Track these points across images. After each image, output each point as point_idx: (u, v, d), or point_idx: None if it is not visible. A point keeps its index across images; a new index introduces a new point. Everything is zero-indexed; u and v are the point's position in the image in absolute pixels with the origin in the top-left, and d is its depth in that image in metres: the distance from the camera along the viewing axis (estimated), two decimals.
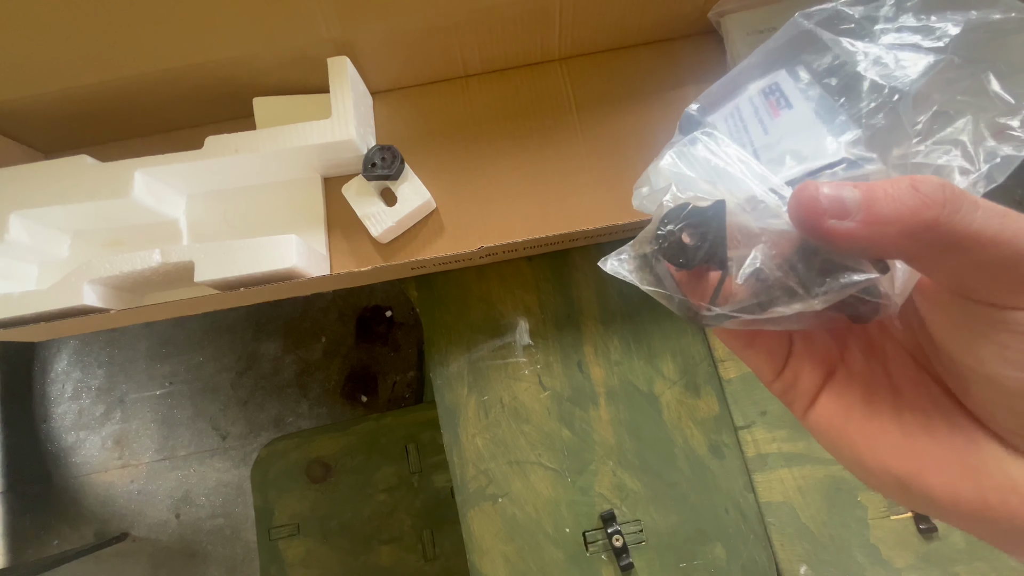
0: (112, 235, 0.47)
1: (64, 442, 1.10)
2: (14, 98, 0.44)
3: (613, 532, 0.43)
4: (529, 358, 0.47)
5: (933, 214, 0.13)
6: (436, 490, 0.72)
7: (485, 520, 0.44)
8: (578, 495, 0.45)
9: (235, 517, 1.06)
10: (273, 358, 1.13)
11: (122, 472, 1.09)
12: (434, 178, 0.46)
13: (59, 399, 1.12)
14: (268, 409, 1.11)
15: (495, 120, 0.48)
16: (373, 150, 0.44)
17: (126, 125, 0.49)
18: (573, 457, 0.45)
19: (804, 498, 0.44)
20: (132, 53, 0.42)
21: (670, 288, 0.17)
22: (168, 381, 1.12)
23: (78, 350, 1.15)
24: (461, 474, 0.45)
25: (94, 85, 0.43)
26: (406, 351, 1.13)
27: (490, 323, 0.48)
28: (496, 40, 0.46)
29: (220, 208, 0.48)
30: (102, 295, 0.41)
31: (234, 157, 0.43)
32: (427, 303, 0.49)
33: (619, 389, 0.46)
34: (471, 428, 0.46)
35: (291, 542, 0.72)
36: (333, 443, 0.75)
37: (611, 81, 0.48)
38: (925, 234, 0.13)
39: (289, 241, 0.40)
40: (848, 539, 0.43)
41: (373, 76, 0.48)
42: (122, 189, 0.42)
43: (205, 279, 0.40)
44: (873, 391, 0.17)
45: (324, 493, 0.73)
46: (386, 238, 0.45)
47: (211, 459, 1.09)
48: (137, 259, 0.40)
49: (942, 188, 0.13)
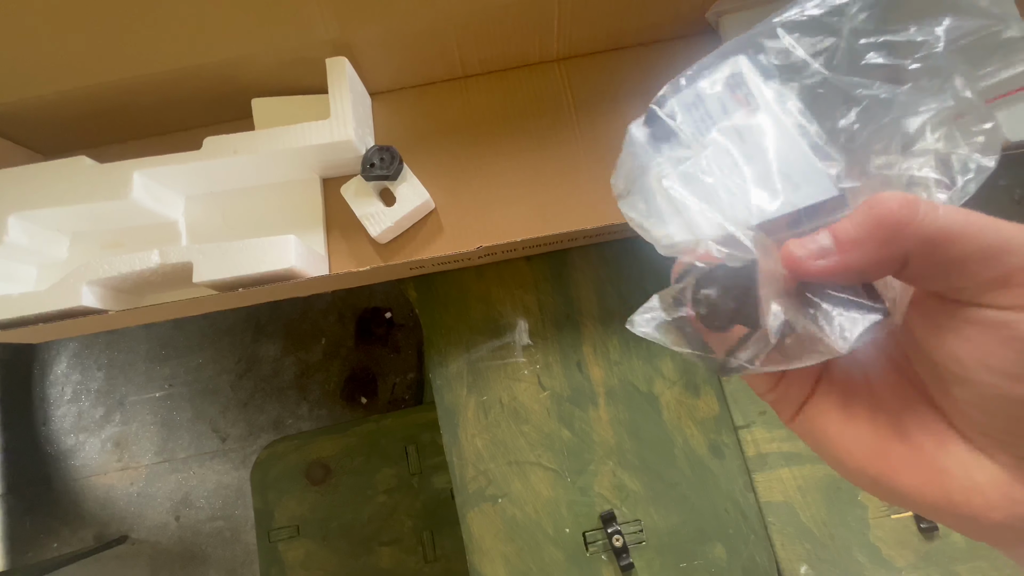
0: (111, 236, 0.47)
1: (64, 444, 1.10)
2: (13, 100, 0.44)
3: (613, 532, 0.43)
4: (528, 358, 0.47)
5: (893, 221, 0.14)
6: (436, 491, 0.72)
7: (485, 521, 0.44)
8: (578, 495, 0.45)
9: (235, 519, 1.06)
10: (273, 360, 1.13)
11: (122, 474, 1.08)
12: (433, 178, 0.46)
13: (59, 402, 1.12)
14: (268, 411, 1.11)
15: (494, 121, 0.48)
16: (372, 150, 0.44)
17: (125, 127, 0.49)
18: (573, 457, 0.45)
19: (804, 498, 0.44)
20: (131, 55, 0.42)
21: (700, 347, 0.18)
22: (168, 383, 1.12)
23: (78, 353, 1.15)
24: (461, 475, 0.45)
25: (93, 87, 0.44)
26: (406, 353, 1.13)
27: (489, 323, 0.48)
28: (494, 41, 0.46)
29: (219, 209, 0.48)
30: (101, 296, 0.41)
31: (233, 158, 0.43)
32: (426, 304, 0.49)
33: (619, 389, 0.46)
34: (471, 429, 0.46)
35: (291, 544, 0.72)
36: (333, 445, 0.75)
37: (609, 81, 0.48)
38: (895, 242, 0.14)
39: (288, 241, 0.40)
40: (848, 539, 0.43)
41: (372, 77, 0.48)
42: (121, 190, 0.42)
43: (204, 280, 0.40)
44: (851, 398, 0.18)
45: (324, 495, 0.73)
46: (385, 238, 0.45)
47: (211, 461, 1.09)
48: (136, 260, 0.40)
49: (897, 199, 0.14)
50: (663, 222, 0.19)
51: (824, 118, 0.18)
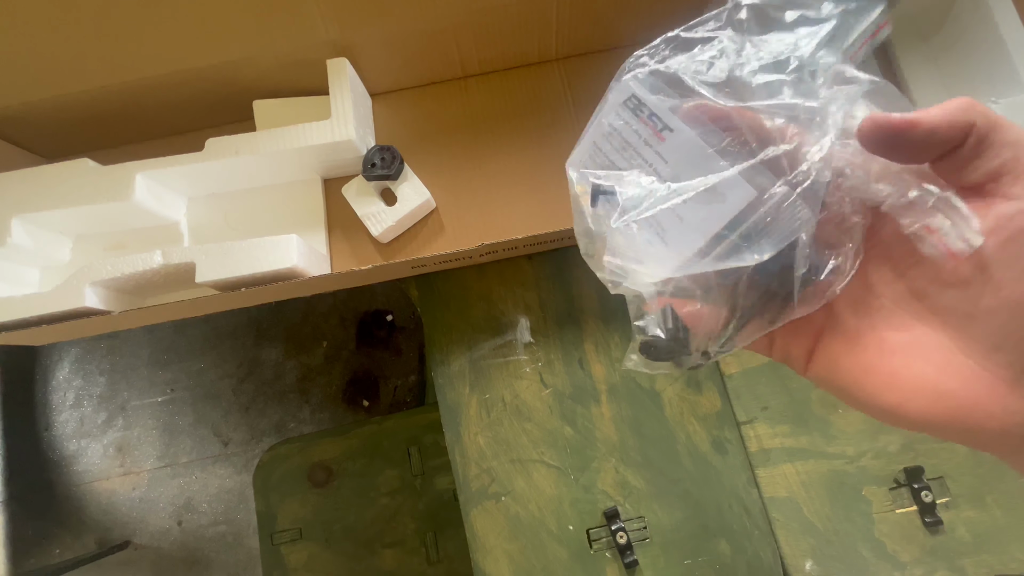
0: (114, 238, 0.47)
1: (66, 450, 1.10)
2: (16, 104, 0.44)
3: (617, 529, 0.43)
4: (530, 356, 0.47)
5: (967, 101, 0.17)
6: (439, 493, 0.72)
7: (488, 519, 0.44)
8: (581, 493, 0.44)
9: (237, 524, 1.05)
10: (274, 364, 1.12)
11: (124, 480, 1.08)
12: (434, 178, 0.46)
13: (61, 407, 1.12)
14: (270, 415, 1.11)
15: (494, 120, 0.48)
16: (373, 150, 0.45)
17: (127, 130, 0.50)
18: (576, 455, 0.45)
19: (808, 493, 0.44)
20: (132, 57, 0.42)
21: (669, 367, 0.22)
22: (170, 388, 1.12)
23: (80, 358, 1.15)
24: (463, 473, 0.45)
25: (95, 90, 0.44)
26: (407, 355, 1.13)
27: (491, 321, 0.48)
28: (494, 41, 0.46)
29: (221, 210, 0.48)
30: (104, 297, 0.42)
31: (234, 159, 0.43)
32: (428, 302, 0.49)
33: (621, 386, 0.46)
34: (473, 427, 0.46)
35: (294, 547, 0.72)
36: (335, 447, 0.74)
37: (608, 80, 0.48)
38: (968, 112, 0.16)
39: (290, 241, 0.40)
40: (853, 534, 0.43)
41: (372, 78, 0.48)
42: (123, 192, 0.42)
43: (207, 280, 0.40)
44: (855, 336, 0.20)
45: (326, 497, 0.73)
46: (386, 238, 0.45)
47: (213, 466, 1.09)
48: (139, 260, 0.41)
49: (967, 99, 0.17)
50: (627, 275, 0.21)
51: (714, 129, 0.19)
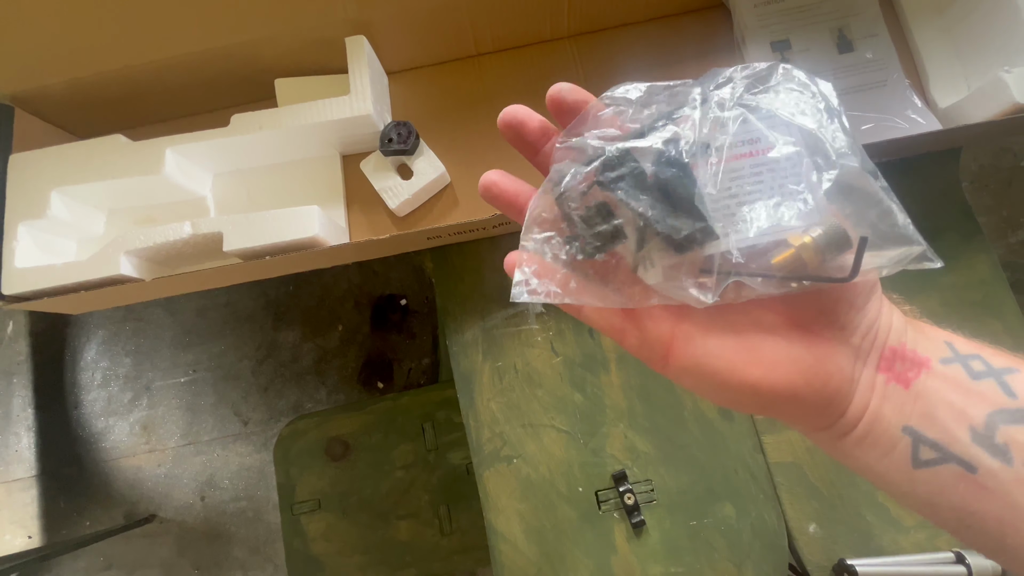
0: (144, 212, 0.49)
1: (94, 428, 1.14)
2: (51, 83, 0.46)
3: (625, 491, 0.44)
4: (541, 325, 0.49)
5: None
6: (452, 467, 0.74)
7: (500, 480, 0.46)
8: (590, 456, 0.46)
9: (257, 500, 1.09)
10: (292, 346, 1.15)
11: (149, 456, 1.12)
12: (448, 153, 0.48)
13: (89, 387, 1.17)
14: (287, 396, 1.14)
15: (507, 96, 0.49)
16: (389, 126, 0.46)
17: (156, 108, 0.52)
18: (585, 420, 0.47)
19: (813, 458, 0.45)
20: (158, 38, 0.44)
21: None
22: (192, 369, 1.16)
23: (106, 340, 1.19)
24: (477, 437, 0.47)
25: (125, 69, 0.46)
26: (421, 338, 1.15)
27: (503, 292, 0.49)
28: (507, 19, 0.47)
29: (244, 186, 0.50)
30: (137, 266, 0.44)
31: (258, 134, 0.45)
32: (442, 274, 0.51)
33: (629, 354, 0.48)
34: (486, 393, 0.48)
35: (312, 517, 0.74)
36: (351, 422, 0.77)
37: (620, 56, 0.50)
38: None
39: (312, 211, 0.42)
40: (857, 499, 0.44)
41: (388, 56, 0.49)
42: (154, 166, 0.45)
43: (234, 248, 0.42)
44: (713, 322, 0.19)
45: (343, 470, 0.75)
46: (403, 211, 0.47)
47: (233, 444, 1.12)
48: (170, 231, 0.43)
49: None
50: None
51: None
